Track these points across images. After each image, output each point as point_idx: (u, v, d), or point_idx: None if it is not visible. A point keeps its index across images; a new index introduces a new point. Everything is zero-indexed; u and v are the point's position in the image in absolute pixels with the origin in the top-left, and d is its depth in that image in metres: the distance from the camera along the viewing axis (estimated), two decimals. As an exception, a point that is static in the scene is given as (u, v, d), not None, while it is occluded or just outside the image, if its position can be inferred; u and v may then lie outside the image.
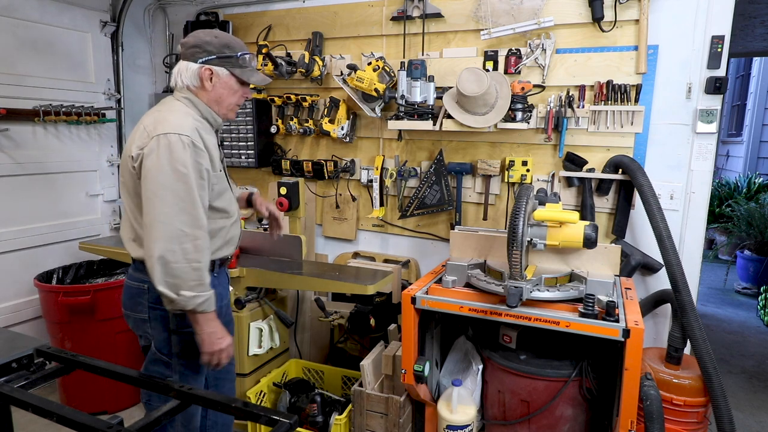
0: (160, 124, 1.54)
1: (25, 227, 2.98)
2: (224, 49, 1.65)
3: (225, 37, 1.68)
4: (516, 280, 1.78)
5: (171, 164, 1.49)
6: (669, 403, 1.99)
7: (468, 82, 2.30)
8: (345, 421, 2.33)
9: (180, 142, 1.50)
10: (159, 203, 1.48)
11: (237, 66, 1.67)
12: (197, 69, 1.64)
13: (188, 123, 1.56)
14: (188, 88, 1.66)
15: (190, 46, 1.65)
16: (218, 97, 1.68)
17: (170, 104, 1.66)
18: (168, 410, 1.18)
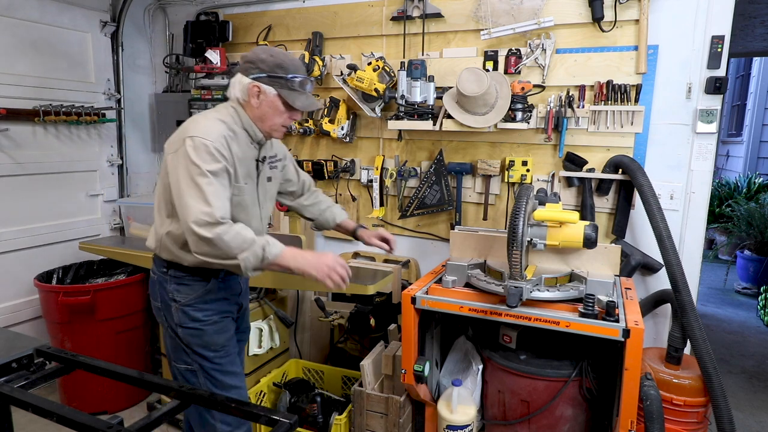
0: (192, 125, 1.62)
1: (25, 227, 2.98)
2: (276, 69, 1.66)
3: (281, 56, 1.69)
4: (516, 280, 1.78)
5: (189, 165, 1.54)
6: (669, 403, 1.99)
7: (468, 82, 2.30)
8: (345, 421, 2.33)
9: (203, 146, 1.55)
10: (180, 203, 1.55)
11: (286, 87, 1.68)
12: (247, 84, 1.67)
13: (217, 129, 1.61)
14: (238, 100, 1.71)
15: (246, 61, 1.69)
16: (262, 115, 1.70)
17: (215, 109, 1.73)
18: (168, 410, 1.18)
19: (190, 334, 1.71)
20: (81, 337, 2.78)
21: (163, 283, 1.74)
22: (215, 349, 1.75)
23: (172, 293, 1.72)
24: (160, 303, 1.76)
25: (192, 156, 1.54)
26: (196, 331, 1.71)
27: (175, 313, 1.71)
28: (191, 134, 1.57)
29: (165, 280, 1.73)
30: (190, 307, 1.71)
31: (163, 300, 1.75)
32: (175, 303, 1.71)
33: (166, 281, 1.73)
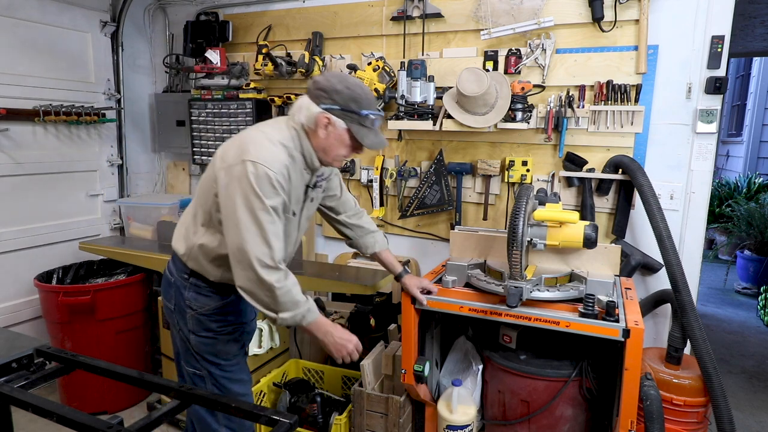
0: (253, 146, 1.51)
1: (25, 227, 2.98)
2: (351, 103, 1.58)
3: (357, 89, 1.59)
4: (516, 280, 1.78)
5: (249, 195, 1.47)
6: (669, 403, 1.99)
7: (468, 82, 2.30)
8: (345, 421, 2.33)
9: (266, 178, 1.48)
10: (235, 232, 1.48)
11: (357, 123, 1.60)
12: (316, 114, 1.58)
13: (279, 158, 1.53)
14: (302, 126, 1.61)
15: (319, 87, 1.59)
16: (327, 147, 1.62)
17: (276, 128, 1.62)
18: (168, 410, 1.18)
19: (203, 342, 1.69)
20: (81, 337, 2.78)
21: (181, 289, 1.69)
22: (226, 359, 1.73)
23: (189, 301, 1.68)
24: (174, 306, 1.72)
25: (254, 185, 1.46)
26: (208, 340, 1.69)
27: (190, 320, 1.68)
28: (253, 158, 1.47)
29: (184, 286, 1.69)
30: (206, 317, 1.68)
31: (178, 305, 1.71)
32: (191, 310, 1.68)
33: (185, 288, 1.68)
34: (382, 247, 2.08)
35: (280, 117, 1.73)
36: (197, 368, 1.72)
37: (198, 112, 3.27)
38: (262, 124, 1.68)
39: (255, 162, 1.47)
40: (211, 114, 3.22)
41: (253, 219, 1.46)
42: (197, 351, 1.70)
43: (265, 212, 1.47)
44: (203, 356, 1.70)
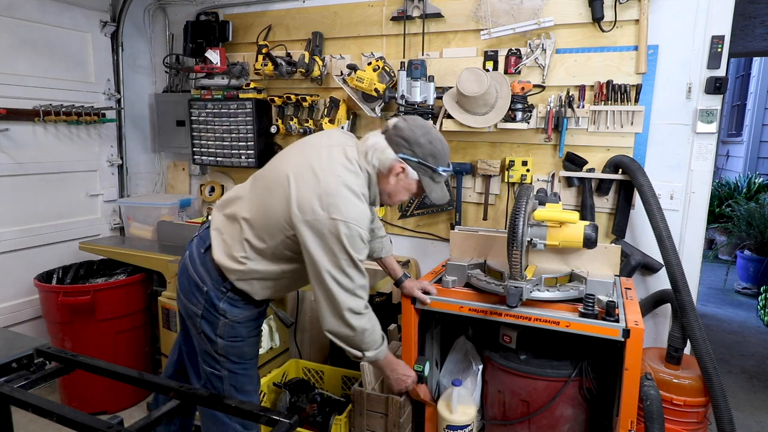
0: (341, 201, 1.50)
1: (25, 227, 2.98)
2: (429, 158, 1.61)
3: (438, 144, 1.62)
4: (516, 280, 1.78)
5: (349, 252, 1.51)
6: (669, 403, 1.99)
7: (468, 82, 2.30)
8: (345, 421, 2.33)
9: (359, 237, 1.52)
10: (335, 285, 1.54)
11: (429, 176, 1.63)
12: (392, 161, 1.60)
13: (366, 213, 1.56)
14: (376, 167, 1.62)
15: (401, 136, 1.60)
16: (394, 192, 1.66)
17: (352, 170, 1.58)
18: (168, 410, 1.18)
19: (231, 346, 1.70)
20: (81, 337, 2.78)
21: (214, 299, 1.66)
22: (248, 359, 1.77)
23: (223, 311, 1.66)
24: (203, 312, 1.68)
25: (347, 246, 1.50)
26: (237, 343, 1.71)
27: (222, 327, 1.68)
28: (344, 218, 1.48)
29: (219, 297, 1.66)
30: (239, 324, 1.69)
31: (208, 312, 1.68)
32: (224, 319, 1.67)
33: (220, 298, 1.66)
34: (387, 254, 2.11)
35: (349, 146, 1.64)
36: (217, 369, 1.72)
37: (198, 112, 3.27)
38: (335, 156, 1.59)
39: (347, 223, 1.49)
40: (211, 114, 3.22)
41: (345, 275, 1.54)
42: (224, 353, 1.70)
43: (356, 269, 1.55)
44: (228, 358, 1.71)
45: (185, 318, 1.77)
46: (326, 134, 1.74)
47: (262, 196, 1.63)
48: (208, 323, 1.68)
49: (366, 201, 1.59)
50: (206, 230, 1.76)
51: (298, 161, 1.61)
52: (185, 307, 1.74)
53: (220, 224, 1.72)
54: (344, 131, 1.79)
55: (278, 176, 1.60)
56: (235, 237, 1.65)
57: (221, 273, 1.66)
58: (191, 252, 1.75)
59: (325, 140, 1.67)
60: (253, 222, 1.62)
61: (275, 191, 1.58)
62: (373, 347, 1.67)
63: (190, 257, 1.75)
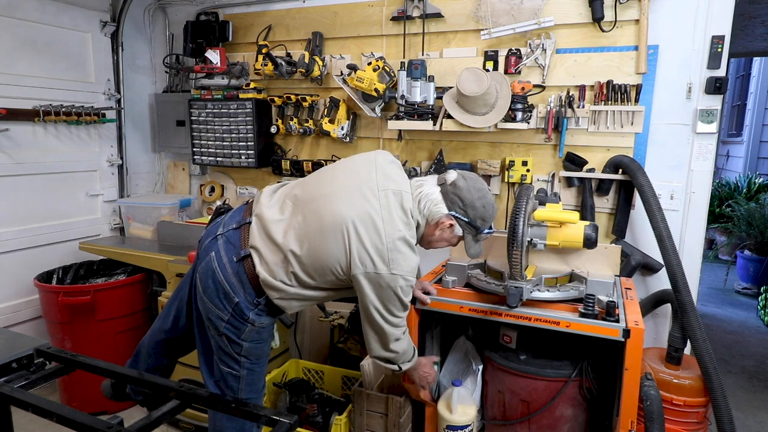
0: (402, 257, 1.58)
1: (25, 227, 2.98)
2: (478, 221, 1.70)
3: (489, 209, 1.73)
4: (516, 280, 1.78)
5: (401, 299, 1.63)
6: (669, 403, 1.99)
7: (468, 82, 2.30)
8: (345, 421, 2.33)
9: (409, 288, 1.63)
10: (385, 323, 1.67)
11: (472, 236, 1.74)
12: (443, 215, 1.68)
13: (417, 262, 1.64)
14: (425, 217, 1.68)
15: (457, 195, 1.67)
16: (435, 241, 1.75)
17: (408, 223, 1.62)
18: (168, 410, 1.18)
19: (254, 347, 1.72)
20: (81, 337, 2.77)
21: (245, 309, 1.64)
22: (265, 357, 1.80)
23: (252, 319, 1.66)
24: (229, 317, 1.65)
25: (401, 296, 1.62)
26: (259, 344, 1.74)
27: (249, 332, 1.68)
28: (403, 273, 1.58)
29: (249, 308, 1.65)
30: (264, 329, 1.72)
31: (235, 319, 1.65)
32: (251, 326, 1.67)
33: (250, 310, 1.65)
34: None
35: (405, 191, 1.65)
36: (235, 369, 1.73)
37: (198, 112, 3.27)
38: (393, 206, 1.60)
39: (405, 276, 1.59)
40: (211, 114, 3.22)
41: (394, 315, 1.67)
42: (245, 354, 1.71)
43: (403, 309, 1.68)
44: (249, 358, 1.73)
45: (204, 319, 1.72)
46: (379, 167, 1.69)
47: (314, 238, 1.59)
48: (233, 328, 1.67)
49: (416, 250, 1.66)
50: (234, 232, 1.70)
51: (358, 207, 1.58)
52: (207, 310, 1.68)
53: (258, 243, 1.64)
54: (392, 158, 1.77)
55: (335, 221, 1.57)
56: (280, 265, 1.63)
57: (258, 288, 1.64)
58: (219, 257, 1.66)
59: (381, 178, 1.65)
60: (304, 260, 1.61)
61: (332, 238, 1.57)
62: (408, 360, 1.82)
63: (218, 261, 1.65)
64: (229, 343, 1.69)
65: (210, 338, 1.75)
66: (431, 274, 2.30)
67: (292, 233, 1.62)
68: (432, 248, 1.81)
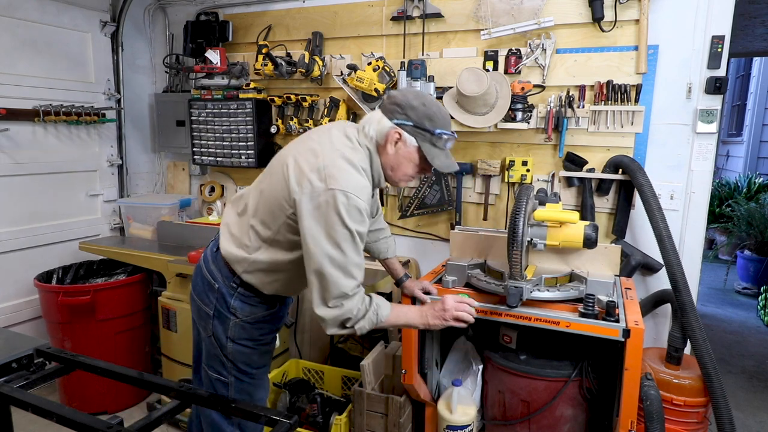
0: (339, 172, 1.46)
1: (25, 227, 2.98)
2: (425, 121, 1.55)
3: (433, 107, 1.57)
4: (516, 280, 1.78)
5: (346, 224, 1.43)
6: (669, 403, 1.99)
7: (468, 82, 2.30)
8: (345, 421, 2.33)
9: (356, 208, 1.44)
10: (324, 259, 1.45)
11: (429, 142, 1.57)
12: (388, 128, 1.55)
13: (366, 186, 1.50)
14: (373, 140, 1.58)
15: (393, 103, 1.57)
16: (396, 164, 1.60)
17: (351, 146, 1.55)
18: (168, 410, 1.18)
19: (240, 351, 1.67)
20: (81, 337, 2.78)
21: (226, 296, 1.64)
22: (256, 368, 1.73)
23: (234, 309, 1.64)
24: (214, 311, 1.66)
25: (344, 217, 1.42)
26: (247, 349, 1.67)
27: (233, 327, 1.65)
28: (343, 188, 1.43)
29: (230, 294, 1.64)
30: (251, 325, 1.66)
31: (219, 311, 1.65)
32: (235, 318, 1.65)
33: (231, 295, 1.64)
34: (392, 254, 2.08)
35: (349, 126, 1.63)
36: (223, 375, 1.70)
37: (198, 112, 3.27)
38: (334, 135, 1.58)
39: (346, 192, 1.43)
40: (211, 114, 3.22)
41: (339, 250, 1.44)
42: (232, 359, 1.67)
43: (352, 243, 1.45)
44: (236, 364, 1.68)
45: (197, 320, 1.75)
46: (327, 124, 1.71)
47: (264, 183, 1.62)
48: (219, 323, 1.66)
49: (367, 177, 1.53)
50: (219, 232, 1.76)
51: (298, 146, 1.59)
52: (198, 309, 1.72)
53: (229, 219, 1.71)
54: (348, 122, 1.76)
55: (279, 162, 1.59)
56: (243, 228, 1.64)
57: (230, 268, 1.64)
58: (205, 254, 1.75)
59: (325, 127, 1.67)
60: (258, 207, 1.60)
61: (276, 175, 1.56)
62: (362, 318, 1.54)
63: (204, 258, 1.74)
64: (217, 344, 1.68)
65: (202, 343, 1.75)
66: (431, 274, 2.30)
67: (252, 193, 1.66)
68: (402, 177, 1.64)
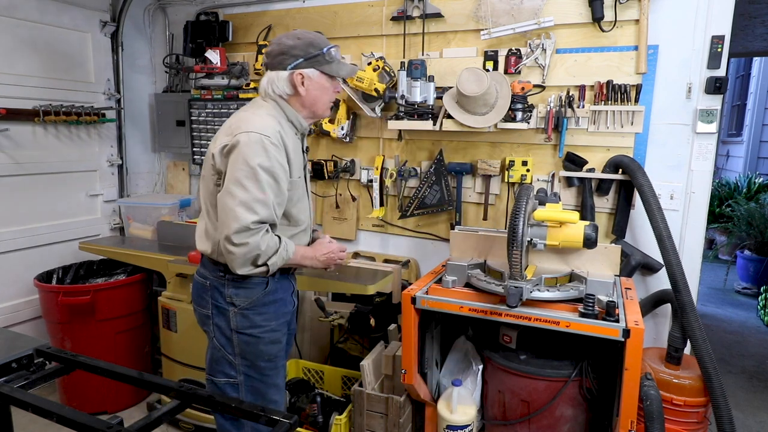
0: (243, 123, 1.58)
1: (25, 227, 2.98)
2: (309, 49, 1.64)
3: (306, 35, 1.67)
4: (516, 280, 1.78)
5: (246, 161, 1.52)
6: (669, 403, 1.99)
7: (468, 82, 2.30)
8: (345, 421, 2.33)
9: (260, 142, 1.53)
10: (229, 197, 1.53)
11: (325, 62, 1.67)
12: (288, 76, 1.65)
13: (271, 126, 1.59)
14: (281, 96, 1.68)
15: (276, 55, 1.65)
16: (313, 100, 1.69)
17: (256, 106, 1.69)
18: (168, 410, 1.18)
19: (246, 341, 1.67)
20: (81, 337, 2.78)
21: (219, 288, 1.67)
22: (268, 359, 1.72)
23: (230, 297, 1.66)
24: (212, 309, 1.69)
25: (246, 154, 1.51)
26: (252, 338, 1.68)
27: (234, 317, 1.66)
28: (245, 130, 1.54)
29: (222, 284, 1.67)
30: (251, 310, 1.67)
31: (217, 305, 1.68)
32: (233, 307, 1.66)
33: (224, 285, 1.66)
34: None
35: (254, 100, 1.76)
36: (232, 376, 1.70)
37: (198, 112, 3.27)
38: (241, 110, 1.73)
39: (248, 132, 1.53)
40: (211, 114, 3.23)
41: (240, 187, 1.51)
42: (239, 352, 1.68)
43: (253, 180, 1.52)
44: (244, 357, 1.69)
45: (202, 328, 1.77)
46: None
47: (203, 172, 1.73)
48: (221, 319, 1.68)
49: (277, 121, 1.62)
50: None
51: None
52: (200, 316, 1.76)
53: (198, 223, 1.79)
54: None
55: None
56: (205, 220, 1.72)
57: (213, 261, 1.69)
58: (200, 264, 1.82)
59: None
60: (205, 195, 1.70)
61: (206, 161, 1.69)
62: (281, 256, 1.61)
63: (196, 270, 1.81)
64: (221, 343, 1.69)
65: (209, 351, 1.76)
66: (431, 274, 2.30)
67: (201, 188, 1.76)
68: (325, 106, 1.73)
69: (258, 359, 1.71)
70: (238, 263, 1.56)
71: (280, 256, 1.60)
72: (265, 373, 1.73)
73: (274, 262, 1.59)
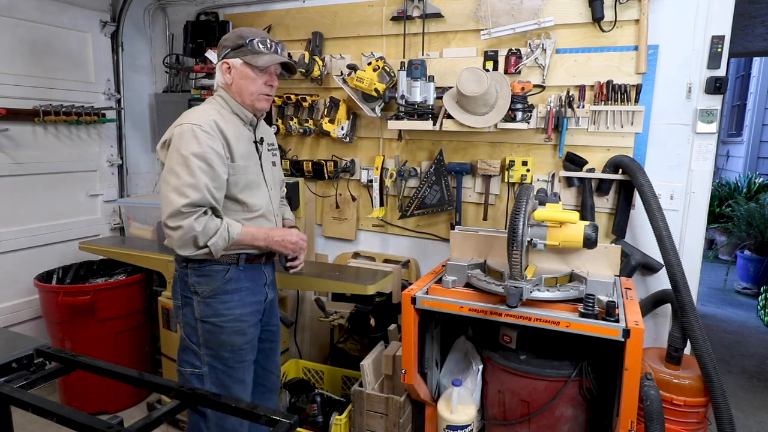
0: (181, 118, 1.68)
1: (25, 227, 2.98)
2: (237, 40, 1.72)
3: (243, 30, 1.76)
4: (516, 280, 1.78)
5: (178, 150, 1.60)
6: (669, 403, 1.99)
7: (468, 82, 2.30)
8: (345, 421, 2.33)
9: (191, 131, 1.60)
10: (164, 185, 1.61)
11: (249, 53, 1.71)
12: (220, 66, 1.75)
13: (204, 116, 1.66)
14: (221, 87, 1.77)
15: (218, 47, 1.79)
16: (238, 89, 1.74)
17: (204, 102, 1.80)
18: (168, 410, 1.18)
19: (209, 330, 1.71)
20: (81, 337, 2.78)
21: (183, 278, 1.74)
22: (232, 350, 1.73)
23: (193, 286, 1.72)
24: (181, 299, 1.76)
25: (178, 144, 1.60)
26: (215, 327, 1.71)
27: (197, 306, 1.71)
28: (180, 123, 1.64)
29: (185, 274, 1.73)
30: (213, 298, 1.71)
31: (184, 295, 1.75)
32: (197, 296, 1.72)
33: (187, 275, 1.73)
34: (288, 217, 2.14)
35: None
36: (196, 366, 1.72)
37: (197, 112, 3.26)
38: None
39: (181, 125, 1.63)
40: (211, 114, 3.22)
41: (173, 175, 1.59)
42: (203, 342, 1.71)
43: (185, 166, 1.58)
44: (208, 347, 1.71)
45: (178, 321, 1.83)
46: None
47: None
48: (188, 309, 1.73)
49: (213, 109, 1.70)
50: None
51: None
52: (174, 308, 1.82)
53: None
54: None
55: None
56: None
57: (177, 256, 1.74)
58: None
59: None
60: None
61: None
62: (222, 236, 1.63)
63: None
64: (187, 335, 1.74)
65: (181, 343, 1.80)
66: (431, 274, 2.30)
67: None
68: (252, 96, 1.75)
69: (221, 349, 1.72)
70: (176, 245, 1.62)
71: (221, 236, 1.63)
72: (230, 365, 1.74)
73: (215, 242, 1.62)
